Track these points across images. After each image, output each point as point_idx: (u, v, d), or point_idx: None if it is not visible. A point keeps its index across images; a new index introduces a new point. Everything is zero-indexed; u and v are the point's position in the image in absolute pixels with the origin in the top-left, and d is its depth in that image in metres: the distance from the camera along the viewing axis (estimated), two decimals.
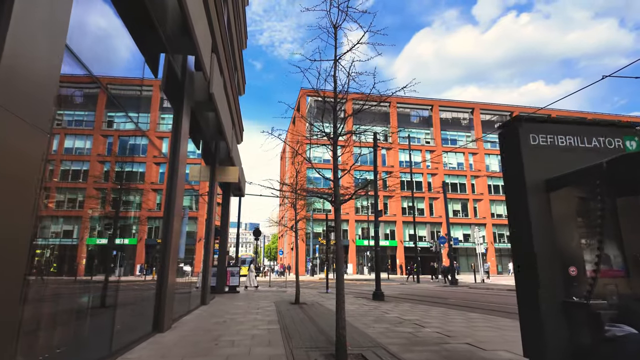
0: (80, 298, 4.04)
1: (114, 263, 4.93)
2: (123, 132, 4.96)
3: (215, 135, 10.49)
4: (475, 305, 11.14)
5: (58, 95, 2.61)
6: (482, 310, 9.84)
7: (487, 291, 17.61)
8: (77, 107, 3.86)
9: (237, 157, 13.15)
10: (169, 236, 6.29)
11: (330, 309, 9.65)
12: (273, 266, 59.27)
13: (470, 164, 50.54)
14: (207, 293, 10.73)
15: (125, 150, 5.09)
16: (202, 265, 11.19)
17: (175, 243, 6.51)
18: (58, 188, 3.44)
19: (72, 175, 3.83)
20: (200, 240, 11.47)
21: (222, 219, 15.43)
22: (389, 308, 9.91)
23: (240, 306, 10.24)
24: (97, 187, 4.32)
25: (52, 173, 3.30)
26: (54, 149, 3.31)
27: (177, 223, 6.50)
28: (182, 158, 6.68)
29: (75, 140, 3.80)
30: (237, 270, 15.05)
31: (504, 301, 12.57)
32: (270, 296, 13.72)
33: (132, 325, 5.46)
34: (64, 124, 3.55)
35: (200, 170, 11.04)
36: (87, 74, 3.53)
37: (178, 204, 6.53)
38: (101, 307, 4.42)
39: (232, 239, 60.50)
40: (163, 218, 6.39)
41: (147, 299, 6.07)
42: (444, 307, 10.28)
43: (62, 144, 3.50)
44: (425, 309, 9.84)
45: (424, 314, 8.75)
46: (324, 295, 14.13)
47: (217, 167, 11.64)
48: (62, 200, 3.63)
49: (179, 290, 9.15)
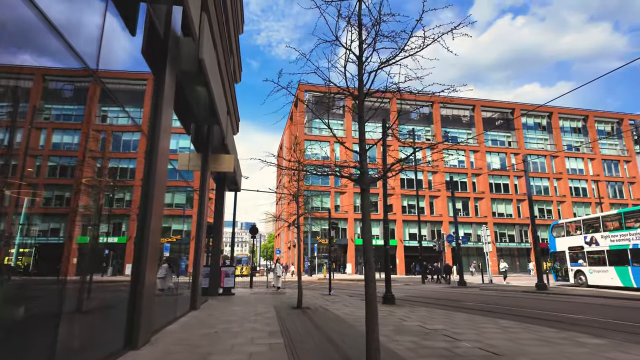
0: (46, 301, 3.14)
1: (106, 262, 4.75)
2: (115, 127, 4.66)
3: (207, 117, 9.25)
4: (498, 310, 9.99)
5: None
6: (510, 316, 8.68)
7: (501, 293, 16.48)
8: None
9: (233, 146, 11.92)
10: (147, 221, 5.05)
11: (338, 315, 8.45)
12: (271, 265, 57.97)
13: (471, 161, 49.54)
14: (197, 296, 9.49)
15: (118, 146, 4.90)
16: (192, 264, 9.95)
17: (157, 228, 5.27)
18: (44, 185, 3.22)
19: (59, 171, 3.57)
20: (193, 238, 10.27)
21: (215, 214, 14.18)
22: (404, 314, 8.73)
23: (235, 312, 9.01)
24: (86, 184, 3.88)
25: (39, 169, 3.18)
26: (41, 144, 3.20)
27: (158, 206, 5.26)
28: (164, 129, 5.43)
29: (63, 135, 3.61)
30: (232, 270, 13.79)
31: (526, 304, 11.43)
32: (268, 299, 12.50)
33: (97, 338, 4.24)
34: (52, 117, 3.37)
35: (190, 158, 9.80)
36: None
37: (160, 183, 5.29)
38: (76, 312, 3.70)
39: (227, 238, 59.47)
40: (140, 201, 5.16)
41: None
42: (465, 312, 9.11)
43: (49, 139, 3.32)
44: (445, 314, 8.66)
45: (448, 321, 7.57)
46: (327, 298, 12.93)
47: (210, 156, 10.41)
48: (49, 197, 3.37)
49: (165, 293, 7.93)
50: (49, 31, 2.88)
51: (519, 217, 48.33)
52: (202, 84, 7.40)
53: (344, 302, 11.36)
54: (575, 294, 15.26)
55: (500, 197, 48.64)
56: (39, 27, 2.78)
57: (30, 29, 2.76)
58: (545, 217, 49.19)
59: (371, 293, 3.37)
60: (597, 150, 52.35)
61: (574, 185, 51.07)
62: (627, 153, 53.47)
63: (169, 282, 12.66)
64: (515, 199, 48.93)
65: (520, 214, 48.72)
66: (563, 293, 15.42)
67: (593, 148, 52.27)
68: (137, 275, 4.94)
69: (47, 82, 3.26)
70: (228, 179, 15.41)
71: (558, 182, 50.71)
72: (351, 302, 11.63)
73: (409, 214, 46.08)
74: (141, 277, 4.97)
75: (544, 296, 14.65)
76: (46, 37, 2.88)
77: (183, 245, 11.02)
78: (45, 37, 2.88)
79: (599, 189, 47.27)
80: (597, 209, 49.64)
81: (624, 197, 51.48)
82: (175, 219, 9.76)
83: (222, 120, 9.52)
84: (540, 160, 51.40)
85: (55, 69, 3.24)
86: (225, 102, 10.19)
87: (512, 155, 50.21)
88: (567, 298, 13.94)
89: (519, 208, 49.03)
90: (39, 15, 2.74)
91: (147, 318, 5.11)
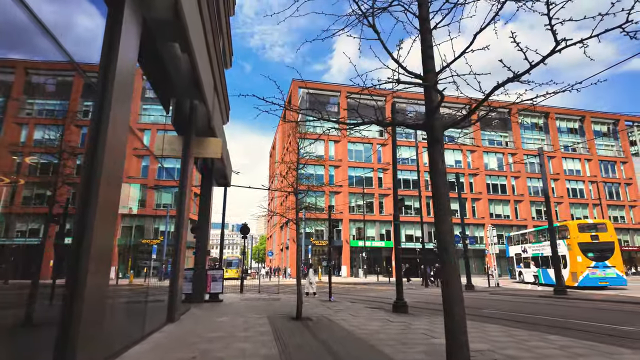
0: None
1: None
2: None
3: (189, 89, 7.68)
4: (530, 320, 8.58)
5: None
6: (553, 328, 7.27)
7: (517, 298, 15.13)
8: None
9: (221, 131, 10.37)
10: (88, 219, 3.48)
11: (347, 328, 6.94)
12: (266, 268, 56.27)
13: (468, 162, 48.54)
14: (176, 305, 7.89)
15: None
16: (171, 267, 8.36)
17: (104, 227, 3.69)
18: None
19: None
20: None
21: (201, 211, 12.58)
22: (426, 326, 7.26)
23: (222, 324, 7.43)
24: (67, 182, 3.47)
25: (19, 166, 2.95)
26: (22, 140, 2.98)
27: (106, 198, 3.69)
28: (120, 85, 3.85)
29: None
30: (220, 274, 12.17)
31: (555, 313, 10.07)
32: (260, 306, 10.92)
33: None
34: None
35: (169, 141, 8.22)
36: None
37: (111, 167, 3.71)
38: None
39: (217, 240, 57.03)
40: (81, 180, 3.58)
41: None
42: (496, 324, 7.67)
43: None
44: (475, 327, 7.21)
45: (484, 336, 6.13)
46: (328, 306, 11.40)
47: (194, 139, 8.84)
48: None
49: (132, 299, 6.35)
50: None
51: (516, 218, 47.43)
52: (181, 39, 5.86)
53: (348, 311, 9.86)
54: (595, 299, 13.99)
55: (498, 197, 47.70)
56: None
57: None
58: (542, 219, 48.36)
59: (458, 332, 1.88)
60: (594, 151, 51.84)
61: (571, 187, 50.44)
62: (624, 154, 53.09)
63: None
64: (513, 199, 48.04)
65: (517, 215, 47.83)
66: (583, 298, 14.14)
67: (590, 149, 51.75)
68: (72, 291, 3.35)
69: None
70: (216, 171, 13.82)
71: (555, 183, 50.00)
72: (356, 310, 10.12)
73: (406, 215, 44.80)
74: (81, 284, 3.39)
75: (565, 301, 13.34)
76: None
77: (170, 247, 9.89)
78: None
79: (598, 189, 46.55)
80: (594, 210, 49.08)
81: (620, 199, 51.01)
82: (162, 220, 8.55)
83: (207, 96, 7.97)
84: (537, 160, 50.66)
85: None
86: (211, 76, 8.65)
87: (510, 155, 49.36)
88: (592, 304, 12.64)
89: (517, 209, 48.15)
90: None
91: (91, 344, 3.53)
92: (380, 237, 43.77)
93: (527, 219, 47.32)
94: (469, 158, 48.76)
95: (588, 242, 20.08)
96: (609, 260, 19.31)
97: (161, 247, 8.83)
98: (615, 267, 19.20)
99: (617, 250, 19.75)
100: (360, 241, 41.22)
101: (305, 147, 9.61)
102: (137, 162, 6.75)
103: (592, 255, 19.65)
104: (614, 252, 19.52)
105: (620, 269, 19.40)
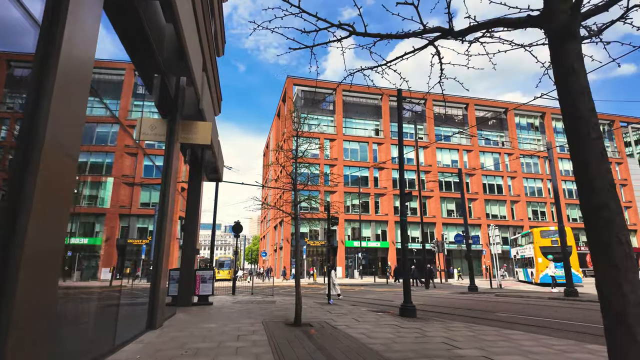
0: None
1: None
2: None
3: (174, 64, 6.72)
4: (555, 325, 7.77)
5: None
6: (589, 336, 6.44)
7: (526, 300, 14.36)
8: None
9: (210, 114, 9.41)
10: (22, 215, 2.50)
11: (355, 337, 6.03)
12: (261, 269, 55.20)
13: (464, 161, 47.98)
14: (158, 309, 6.91)
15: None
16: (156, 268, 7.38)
17: (41, 224, 2.72)
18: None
19: None
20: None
21: (190, 207, 11.57)
22: (442, 333, 6.38)
23: (209, 333, 6.47)
24: None
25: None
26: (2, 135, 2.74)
27: (43, 194, 2.71)
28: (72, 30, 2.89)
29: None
30: (209, 274, 11.18)
31: (577, 317, 9.28)
32: (254, 310, 9.96)
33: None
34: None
35: (152, 125, 7.24)
36: None
37: (61, 120, 2.73)
38: None
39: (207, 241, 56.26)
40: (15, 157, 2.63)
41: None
42: (522, 332, 6.82)
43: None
44: (499, 335, 6.35)
45: (514, 347, 5.26)
46: (328, 309, 10.48)
47: (180, 123, 7.87)
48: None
49: (106, 303, 5.39)
50: None
51: (512, 219, 46.98)
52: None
53: (351, 315, 8.95)
54: None
55: (494, 198, 47.23)
56: None
57: None
58: (539, 219, 48.02)
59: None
60: None
61: (567, 187, 50.20)
62: (619, 155, 53.05)
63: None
64: (509, 200, 47.61)
65: (514, 215, 47.40)
66: (594, 300, 13.41)
67: None
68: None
69: None
70: (207, 165, 12.84)
71: (551, 184, 49.70)
72: (360, 314, 9.22)
73: None
74: (8, 287, 2.43)
75: (579, 304, 12.61)
76: None
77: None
78: None
79: None
80: None
81: None
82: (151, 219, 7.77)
83: (195, 73, 7.01)
84: (534, 160, 50.37)
85: None
86: (201, 54, 7.71)
87: (506, 155, 48.93)
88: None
89: (513, 210, 47.72)
90: None
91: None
92: (376, 238, 42.97)
93: (523, 219, 46.92)
94: (465, 157, 48.22)
95: (548, 245, 24.50)
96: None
97: (149, 247, 8.36)
98: (571, 267, 21.01)
99: (574, 253, 23.84)
100: (355, 241, 40.36)
101: (302, 145, 8.75)
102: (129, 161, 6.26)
103: (551, 257, 23.57)
104: (570, 255, 22.37)
105: (575, 269, 22.84)
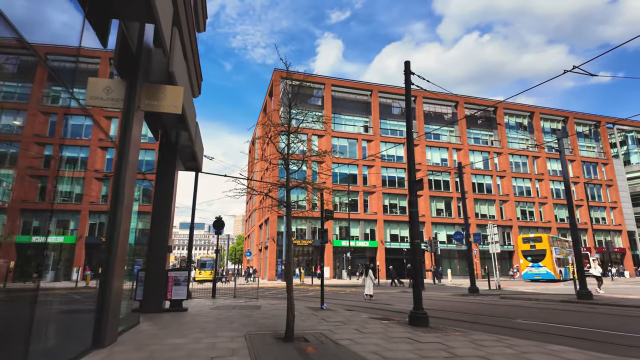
0: None
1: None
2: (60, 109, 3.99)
3: (137, 11, 5.16)
4: (592, 337, 6.53)
5: None
6: (622, 346, 5.21)
7: (536, 303, 13.21)
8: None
9: (184, 79, 7.81)
10: None
11: (363, 356, 4.61)
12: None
13: (454, 160, 47.26)
14: (107, 322, 5.32)
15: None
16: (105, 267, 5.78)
17: None
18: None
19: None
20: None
21: (159, 197, 9.87)
22: (474, 352, 5.02)
23: (173, 353, 4.93)
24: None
25: None
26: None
27: None
28: None
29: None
30: (184, 276, 9.56)
31: (605, 324, 8.10)
32: (236, 318, 8.41)
33: None
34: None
35: (107, 87, 5.63)
36: None
37: None
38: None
39: (197, 241, 53.69)
40: None
41: None
42: (569, 346, 5.53)
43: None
44: (551, 353, 5.04)
45: None
46: (323, 317, 9.02)
47: (144, 85, 6.27)
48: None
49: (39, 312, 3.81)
50: None
51: (501, 218, 46.52)
52: None
53: (351, 325, 7.52)
54: (623, 305, 12.26)
55: (483, 197, 46.67)
56: None
57: None
58: (527, 219, 47.77)
59: None
60: (577, 152, 51.81)
61: (555, 187, 50.16)
62: (605, 156, 53.39)
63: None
64: (498, 199, 47.16)
65: (503, 215, 46.96)
66: (612, 304, 12.38)
67: (573, 150, 51.67)
68: None
69: None
70: (182, 148, 11.20)
71: (540, 184, 49.59)
72: (361, 323, 7.79)
73: (391, 214, 43.03)
74: None
75: (599, 308, 11.53)
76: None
77: (138, 246, 8.51)
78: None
79: (586, 191, 46.24)
80: (577, 211, 48.86)
81: (602, 200, 51.19)
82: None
83: (161, 17, 5.44)
84: (522, 160, 50.14)
85: None
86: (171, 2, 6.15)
87: (495, 154, 48.49)
88: (625, 310, 10.86)
89: (502, 209, 47.29)
90: None
91: None
92: (365, 237, 41.75)
93: (512, 219, 46.53)
94: (454, 156, 47.53)
95: (527, 249, 30.15)
96: (542, 262, 28.78)
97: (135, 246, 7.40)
98: (545, 266, 28.53)
99: (548, 255, 28.57)
100: (344, 241, 39.05)
101: (294, 141, 7.42)
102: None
103: (530, 259, 29.65)
104: (545, 257, 28.72)
105: (550, 268, 28.38)
